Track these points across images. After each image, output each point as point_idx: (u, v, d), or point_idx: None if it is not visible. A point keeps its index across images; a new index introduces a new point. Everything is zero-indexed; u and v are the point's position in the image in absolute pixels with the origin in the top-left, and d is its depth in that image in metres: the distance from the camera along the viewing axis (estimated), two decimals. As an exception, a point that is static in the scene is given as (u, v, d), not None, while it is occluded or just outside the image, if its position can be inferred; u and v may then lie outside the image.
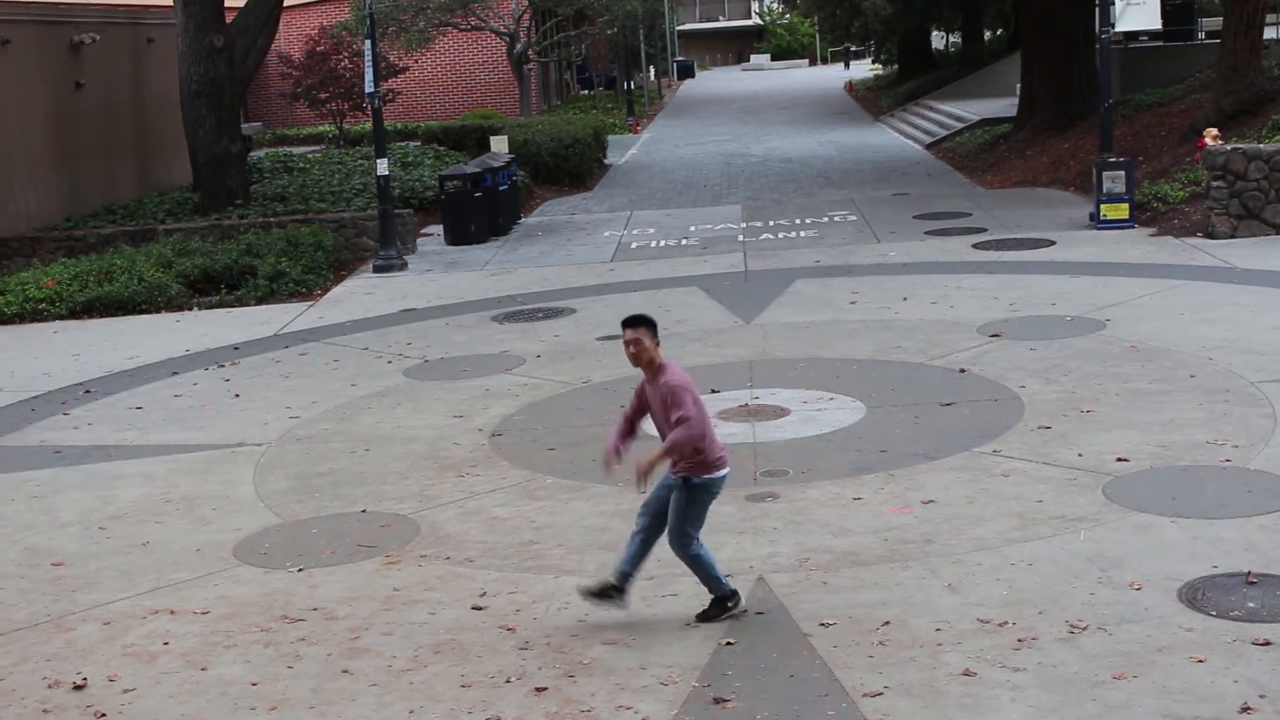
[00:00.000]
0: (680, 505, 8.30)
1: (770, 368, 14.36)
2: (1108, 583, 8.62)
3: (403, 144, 33.92)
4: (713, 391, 13.47)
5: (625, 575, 8.49)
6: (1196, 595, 8.34)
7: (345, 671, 8.19)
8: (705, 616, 8.47)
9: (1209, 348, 13.66)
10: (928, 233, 21.89)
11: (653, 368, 8.23)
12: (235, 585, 9.67)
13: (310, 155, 32.95)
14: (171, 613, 9.25)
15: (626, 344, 8.23)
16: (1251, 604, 8.17)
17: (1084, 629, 8.02)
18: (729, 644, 8.17)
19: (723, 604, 8.46)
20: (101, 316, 19.86)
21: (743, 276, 19.53)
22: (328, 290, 20.90)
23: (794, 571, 9.16)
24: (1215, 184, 19.31)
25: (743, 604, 8.51)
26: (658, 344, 8.27)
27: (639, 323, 8.28)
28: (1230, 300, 15.67)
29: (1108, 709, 7.12)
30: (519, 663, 8.14)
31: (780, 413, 12.74)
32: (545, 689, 7.79)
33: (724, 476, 8.38)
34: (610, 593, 8.48)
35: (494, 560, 9.79)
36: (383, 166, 22.12)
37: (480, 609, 8.95)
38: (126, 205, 26.31)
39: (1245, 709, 7.01)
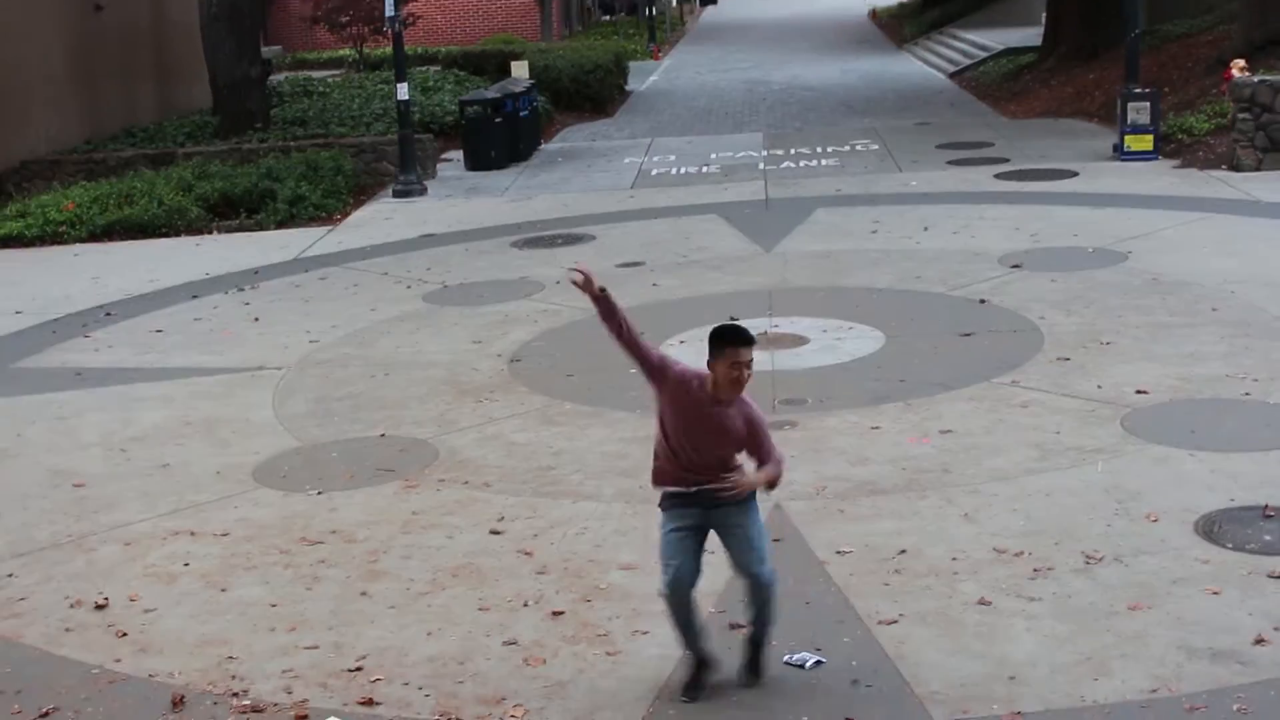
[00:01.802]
0: (758, 522, 6.90)
1: (790, 296, 14.33)
2: (1124, 514, 8.63)
3: (423, 69, 33.75)
4: (732, 319, 13.44)
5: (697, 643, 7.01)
6: (1213, 528, 8.35)
7: (364, 594, 8.25)
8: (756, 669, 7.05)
9: (1231, 281, 13.59)
10: (950, 162, 21.76)
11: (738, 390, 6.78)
12: (255, 508, 9.73)
13: (330, 79, 32.82)
14: (191, 534, 9.32)
15: (735, 366, 6.69)
16: (1268, 537, 8.18)
17: (1100, 560, 8.04)
18: (745, 571, 8.19)
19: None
20: (121, 239, 19.87)
21: (763, 204, 19.46)
22: (347, 215, 20.88)
23: (811, 499, 9.18)
24: (1241, 116, 19.13)
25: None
26: None
27: (754, 341, 6.85)
28: (1254, 233, 15.57)
29: (1122, 639, 7.15)
30: (536, 587, 8.19)
31: (799, 341, 12.73)
32: (562, 613, 7.84)
33: None
34: (700, 676, 7.01)
35: (512, 485, 9.83)
36: (403, 91, 22.03)
37: (498, 533, 9.00)
38: (146, 128, 26.25)
39: (1259, 640, 7.03)
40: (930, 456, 9.80)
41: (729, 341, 6.69)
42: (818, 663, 7.12)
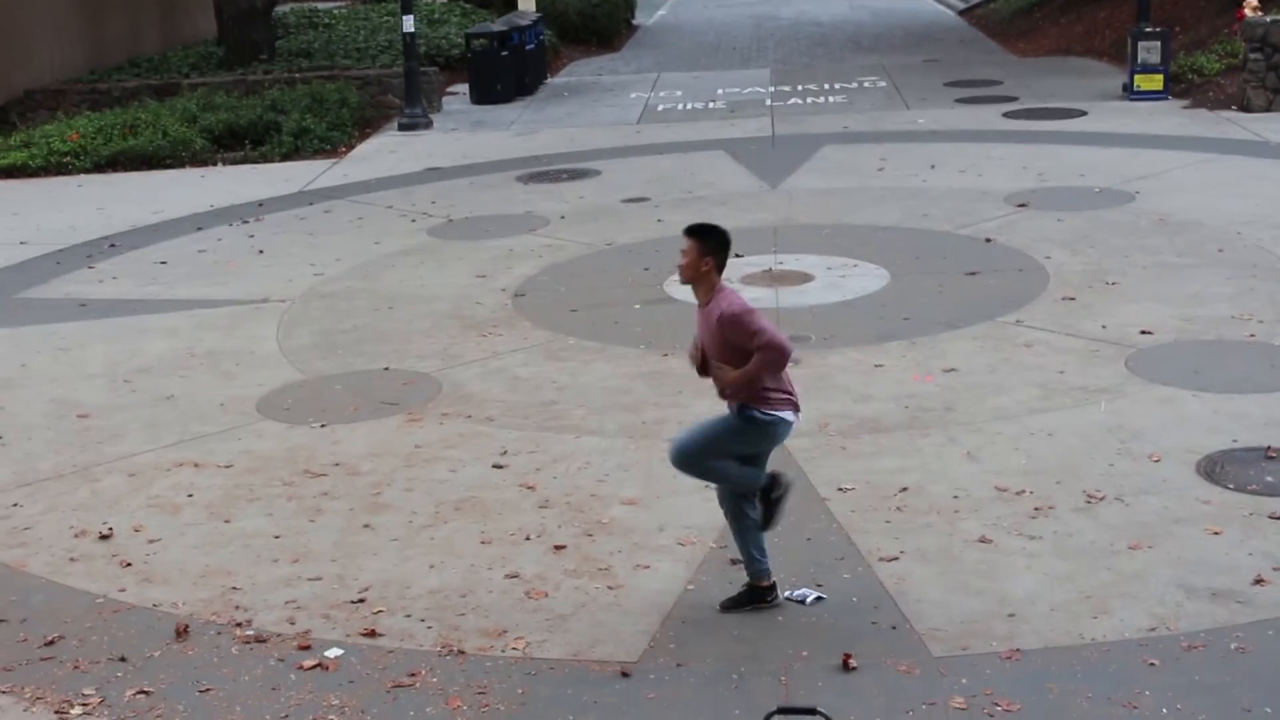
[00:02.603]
0: (717, 427, 7.00)
1: (795, 233, 14.30)
2: (1126, 454, 8.64)
3: (429, 1, 33.55)
4: (737, 256, 13.41)
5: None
6: (1215, 468, 8.36)
7: (367, 526, 8.28)
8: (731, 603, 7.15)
9: (1238, 222, 13.54)
10: (958, 100, 21.65)
11: (707, 289, 6.89)
12: (259, 440, 9.75)
13: (336, 11, 32.61)
14: (195, 465, 9.34)
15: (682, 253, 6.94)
16: (1270, 478, 8.19)
17: (1101, 499, 8.06)
18: (747, 507, 8.22)
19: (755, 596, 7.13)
20: (126, 171, 19.81)
21: (770, 141, 19.38)
22: (352, 148, 20.81)
23: (814, 436, 9.19)
24: (1253, 56, 19.00)
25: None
26: (719, 264, 6.93)
27: (697, 233, 6.96)
28: (1263, 175, 15.50)
29: (1121, 578, 7.17)
30: (538, 521, 8.22)
31: (804, 278, 12.71)
32: (564, 547, 7.87)
33: (791, 424, 7.01)
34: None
35: (515, 419, 9.84)
36: (409, 23, 21.90)
37: (501, 467, 9.02)
38: (151, 59, 26.13)
39: (1259, 580, 7.06)
40: (933, 395, 9.80)
41: None
42: (818, 598, 7.15)
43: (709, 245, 6.88)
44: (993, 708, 6.14)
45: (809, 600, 7.14)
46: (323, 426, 9.92)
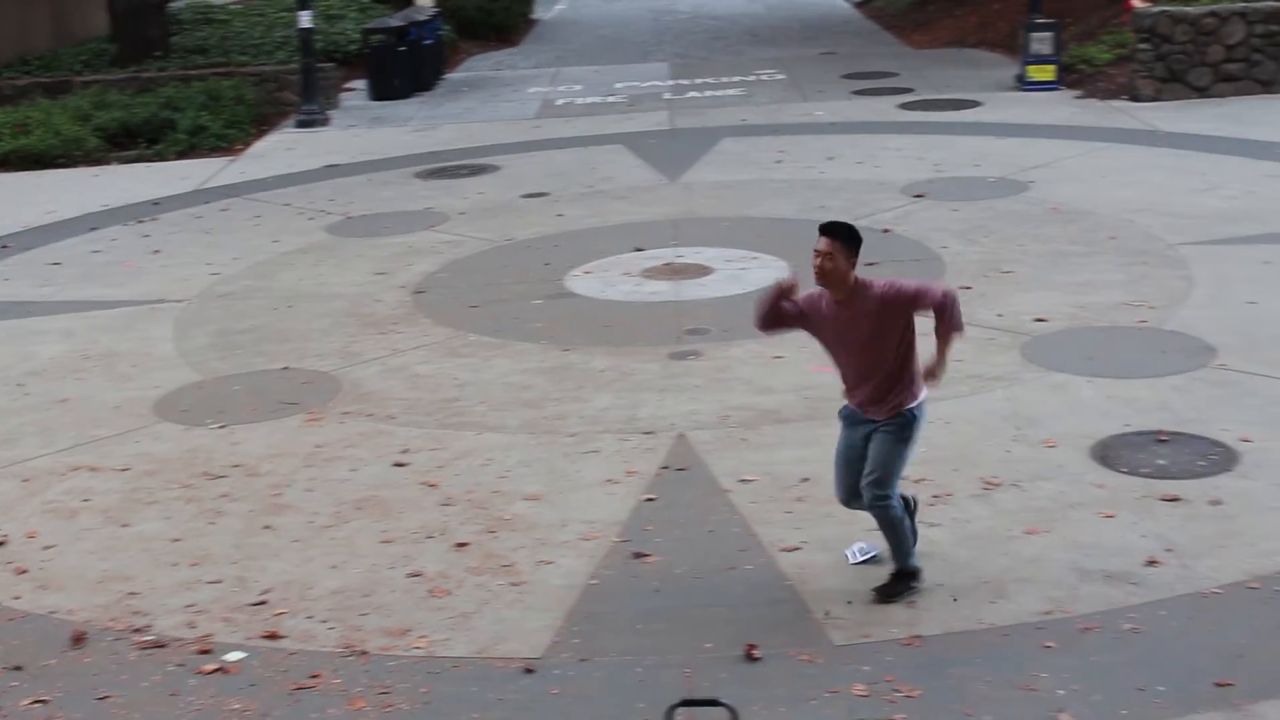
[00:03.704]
0: (890, 446, 6.85)
1: (695, 226, 14.34)
2: (1023, 440, 8.76)
3: (326, -4, 33.24)
4: (637, 250, 13.46)
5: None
6: (1109, 453, 8.50)
7: (267, 527, 8.22)
8: (886, 593, 7.03)
9: (1130, 210, 13.76)
10: (855, 92, 21.80)
11: (846, 287, 6.75)
12: (156, 442, 9.64)
13: (231, 6, 32.23)
14: (92, 469, 9.22)
15: (816, 254, 6.73)
16: (1161, 461, 8.34)
17: (998, 485, 8.17)
18: (649, 500, 8.26)
19: (906, 579, 7.07)
20: (17, 171, 19.45)
21: (669, 134, 19.41)
22: (249, 145, 20.60)
23: (715, 429, 9.24)
24: (1142, 46, 19.30)
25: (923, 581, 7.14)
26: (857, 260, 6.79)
27: (836, 232, 6.77)
28: (1152, 163, 15.76)
29: (1019, 563, 7.28)
30: (441, 518, 8.20)
31: (704, 271, 12.75)
32: (467, 544, 7.85)
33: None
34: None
35: (416, 417, 9.81)
36: (305, 19, 21.69)
37: (402, 465, 8.98)
38: (41, 56, 25.66)
39: (1151, 562, 7.19)
40: (833, 385, 9.72)
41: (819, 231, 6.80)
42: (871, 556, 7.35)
43: (852, 246, 6.77)
44: (894, 694, 6.21)
45: (868, 556, 7.33)
46: (221, 428, 9.83)
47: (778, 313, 6.94)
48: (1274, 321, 10.53)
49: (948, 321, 6.80)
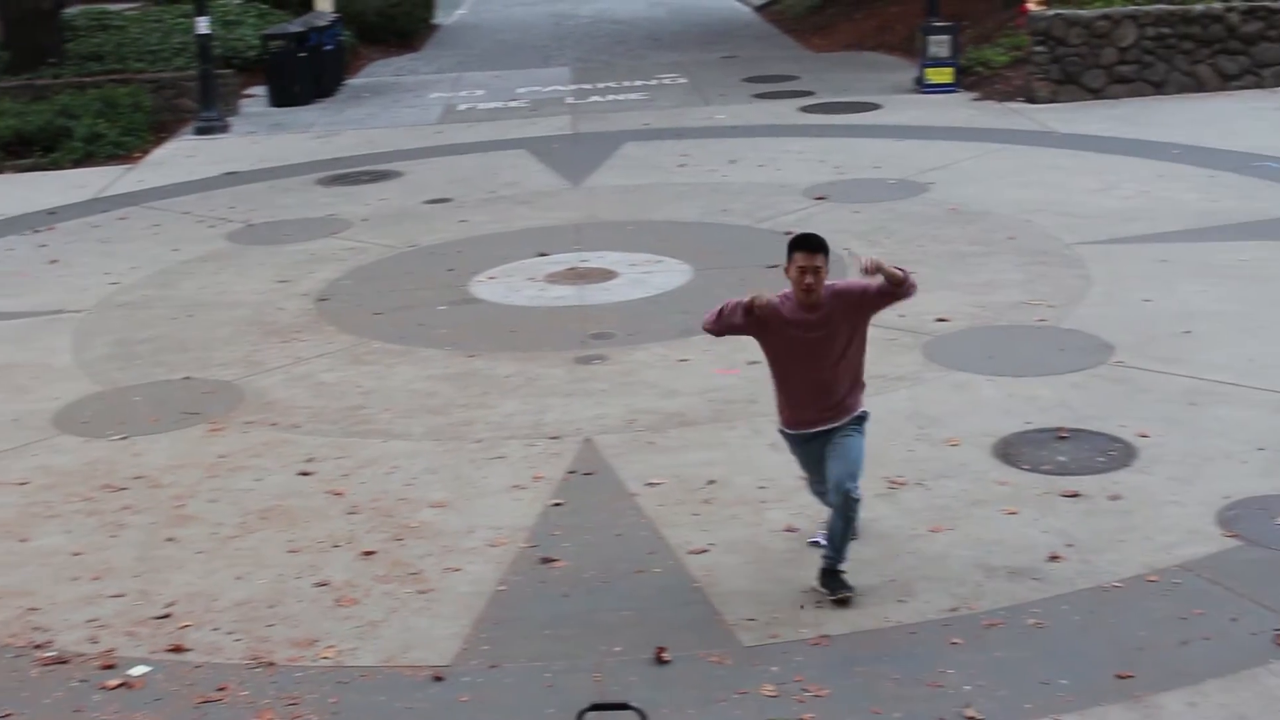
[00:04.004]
0: (859, 443, 7.04)
1: (598, 230, 14.36)
2: (926, 439, 8.85)
3: (224, 1, 32.91)
4: (541, 255, 13.45)
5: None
6: (1010, 450, 8.61)
7: (170, 539, 8.13)
8: (835, 586, 7.06)
9: (1027, 210, 13.95)
10: (756, 95, 21.92)
11: (816, 301, 6.83)
12: (55, 455, 9.50)
13: (127, 13, 31.82)
14: (-11, 483, 9.08)
15: (802, 271, 6.79)
16: (1062, 458, 8.47)
17: (903, 484, 8.25)
18: (557, 505, 8.26)
19: (837, 578, 7.08)
20: (-92, 180, 19.13)
21: (571, 139, 19.42)
22: (147, 153, 20.35)
23: (621, 432, 9.26)
24: (1037, 49, 19.56)
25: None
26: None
27: (823, 247, 6.80)
28: (1049, 164, 15.98)
29: (924, 560, 7.36)
30: (347, 527, 8.15)
31: (608, 275, 12.77)
32: (373, 552, 7.81)
33: None
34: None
35: (321, 425, 9.74)
36: (203, 25, 21.47)
37: (307, 474, 8.92)
38: (-69, 64, 25.24)
39: (1053, 557, 7.30)
40: (738, 387, 9.93)
41: (795, 247, 6.85)
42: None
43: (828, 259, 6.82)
44: (803, 694, 6.26)
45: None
46: (122, 439, 9.71)
47: (736, 324, 7.04)
48: (1169, 319, 10.72)
49: (906, 287, 6.91)
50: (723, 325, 7.10)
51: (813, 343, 6.90)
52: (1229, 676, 6.20)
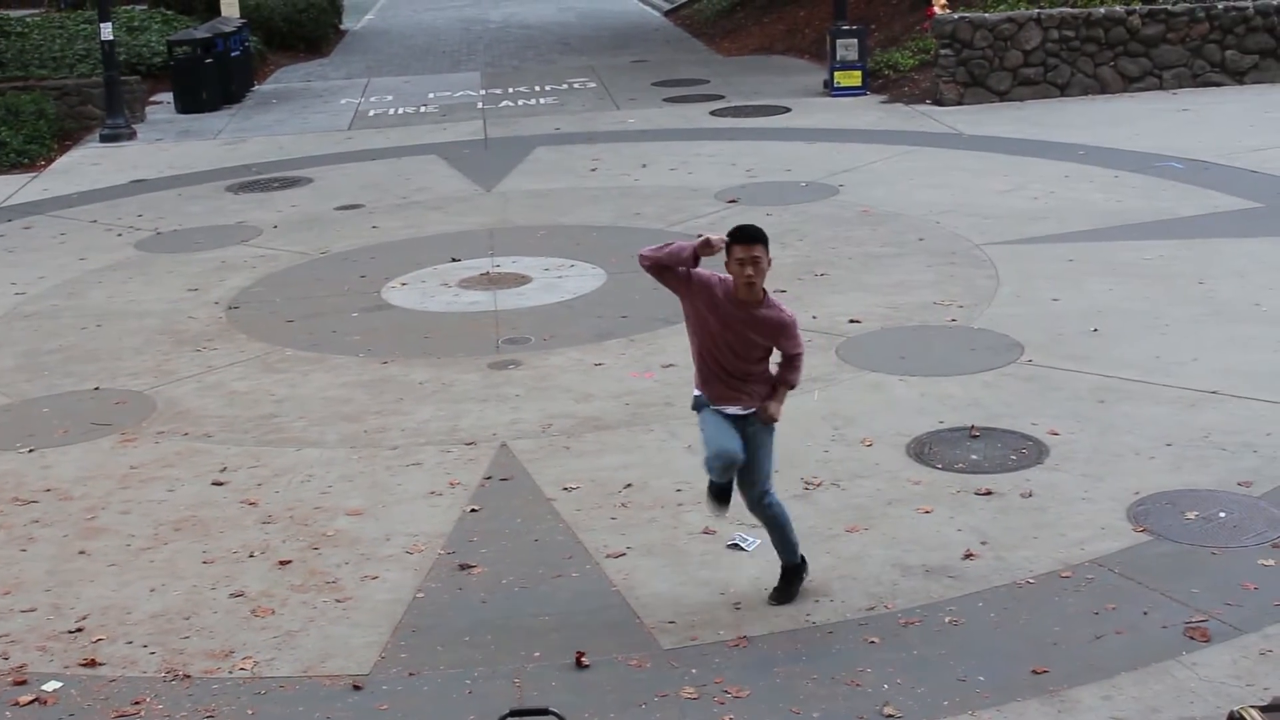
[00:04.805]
0: (768, 445, 6.98)
1: (511, 235, 14.34)
2: (841, 440, 8.91)
3: (128, 7, 32.48)
4: (454, 260, 13.42)
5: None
6: (924, 450, 8.69)
7: (82, 552, 8.02)
8: (785, 596, 7.08)
9: (937, 211, 14.08)
10: (666, 100, 21.99)
11: (757, 296, 6.82)
12: (-38, 468, 9.36)
13: (29, 19, 31.41)
14: (-106, 498, 8.92)
15: (741, 263, 6.77)
16: (975, 456, 8.55)
17: (818, 485, 8.30)
18: (474, 511, 8.24)
19: (798, 574, 7.15)
20: None
21: (483, 144, 19.38)
22: (52, 161, 20.08)
23: (537, 437, 9.25)
24: (944, 52, 19.76)
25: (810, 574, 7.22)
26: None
27: (761, 237, 6.80)
28: (957, 165, 16.14)
29: (841, 560, 7.41)
30: (262, 537, 8.08)
31: (522, 280, 12.75)
32: (289, 562, 7.75)
33: None
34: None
35: (234, 434, 9.65)
36: (107, 31, 21.22)
37: (221, 484, 8.84)
38: None
39: (968, 555, 7.37)
40: (653, 390, 9.95)
41: (733, 239, 6.77)
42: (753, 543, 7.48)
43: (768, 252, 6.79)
44: (723, 695, 6.28)
45: (751, 546, 7.41)
46: (30, 451, 9.57)
47: (675, 270, 6.98)
48: (1077, 317, 10.87)
49: (792, 370, 6.94)
50: (662, 258, 6.98)
51: (724, 324, 6.85)
52: (1142, 670, 6.30)
